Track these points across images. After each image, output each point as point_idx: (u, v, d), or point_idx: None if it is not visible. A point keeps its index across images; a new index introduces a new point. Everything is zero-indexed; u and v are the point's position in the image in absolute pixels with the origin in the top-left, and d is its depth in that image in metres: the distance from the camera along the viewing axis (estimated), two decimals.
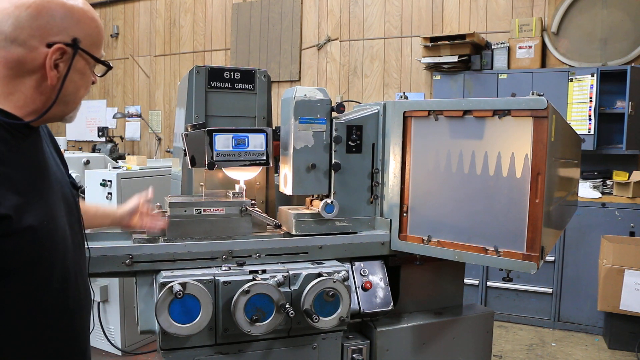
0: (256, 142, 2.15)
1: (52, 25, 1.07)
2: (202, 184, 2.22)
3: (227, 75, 2.26)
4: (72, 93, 1.15)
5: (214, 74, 2.23)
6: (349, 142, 2.18)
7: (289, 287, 1.91)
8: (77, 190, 1.32)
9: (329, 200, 2.12)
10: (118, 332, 3.90)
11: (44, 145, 1.19)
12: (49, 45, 1.06)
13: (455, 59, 5.02)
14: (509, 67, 5.05)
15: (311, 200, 2.25)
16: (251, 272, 1.89)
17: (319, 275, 1.92)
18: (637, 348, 4.04)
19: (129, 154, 6.55)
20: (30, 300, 1.08)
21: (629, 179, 4.46)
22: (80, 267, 1.25)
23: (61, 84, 1.10)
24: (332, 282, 1.91)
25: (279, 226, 2.11)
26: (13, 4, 1.05)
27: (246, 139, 2.13)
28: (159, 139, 7.49)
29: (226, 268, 1.90)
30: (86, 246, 1.36)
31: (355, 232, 2.20)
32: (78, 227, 1.29)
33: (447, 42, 5.05)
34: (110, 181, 3.86)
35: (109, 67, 1.21)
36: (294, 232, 2.11)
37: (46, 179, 1.14)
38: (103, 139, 7.15)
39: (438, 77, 5.30)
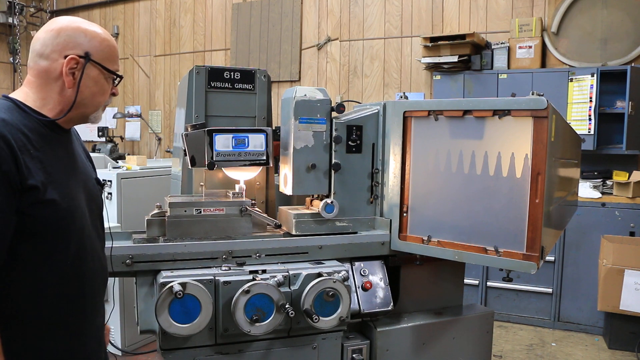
0: (256, 142, 2.15)
1: (68, 42, 1.38)
2: (202, 184, 2.22)
3: (227, 75, 2.26)
4: (89, 97, 1.43)
5: (214, 74, 2.24)
6: (349, 142, 2.18)
7: (289, 287, 1.91)
8: (101, 186, 1.61)
9: (329, 200, 2.12)
10: (118, 332, 3.90)
11: (74, 145, 1.50)
12: (66, 57, 1.37)
13: (455, 59, 5.01)
14: (509, 67, 5.05)
15: (311, 200, 2.25)
16: (251, 272, 1.89)
17: (319, 275, 1.92)
18: (637, 348, 4.04)
19: (129, 154, 6.54)
20: (50, 260, 1.33)
21: (629, 179, 4.46)
22: (95, 246, 1.49)
23: (77, 88, 1.39)
24: (332, 282, 1.91)
25: (279, 226, 2.11)
26: (44, 29, 1.40)
27: (246, 139, 2.13)
28: (159, 139, 7.49)
29: (226, 268, 1.91)
30: (108, 243, 1.66)
31: (355, 232, 2.20)
32: (98, 215, 1.55)
33: (447, 42, 5.05)
34: (110, 181, 3.86)
35: (119, 77, 1.49)
36: (294, 232, 2.11)
37: (72, 169, 1.44)
38: (103, 139, 7.15)
39: (438, 77, 5.30)
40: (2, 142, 1.23)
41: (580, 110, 4.67)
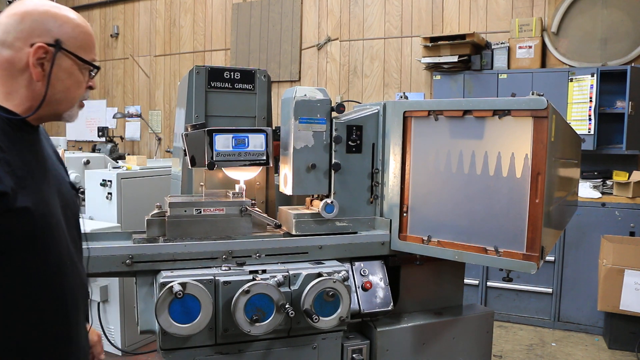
0: (256, 142, 2.15)
1: (35, 28, 1.19)
2: (202, 184, 2.22)
3: (227, 75, 2.26)
4: (62, 92, 1.25)
5: (214, 74, 2.24)
6: (349, 142, 2.18)
7: (289, 287, 1.91)
8: (76, 190, 1.40)
9: (329, 200, 2.12)
10: (118, 332, 3.90)
11: (43, 144, 1.31)
12: (32, 46, 1.18)
13: (455, 59, 5.01)
14: (509, 67, 5.05)
15: (311, 200, 2.25)
16: (251, 272, 1.89)
17: (319, 275, 1.92)
18: (637, 348, 4.04)
19: (129, 154, 6.54)
20: (25, 279, 1.15)
21: (629, 179, 4.46)
22: (74, 259, 1.30)
23: (47, 81, 1.21)
24: (332, 282, 1.91)
25: (279, 226, 2.11)
26: (6, 13, 1.21)
27: (246, 139, 2.13)
28: (159, 139, 7.49)
29: (226, 268, 1.91)
30: (85, 246, 1.43)
31: (355, 232, 2.20)
32: (74, 223, 1.36)
33: (447, 42, 5.05)
34: (110, 181, 3.86)
35: (96, 68, 1.30)
36: (294, 232, 2.11)
37: (43, 171, 1.25)
38: (103, 139, 7.15)
39: (438, 77, 5.30)
40: None
41: (580, 110, 4.67)
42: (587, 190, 4.50)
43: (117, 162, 4.87)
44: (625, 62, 4.75)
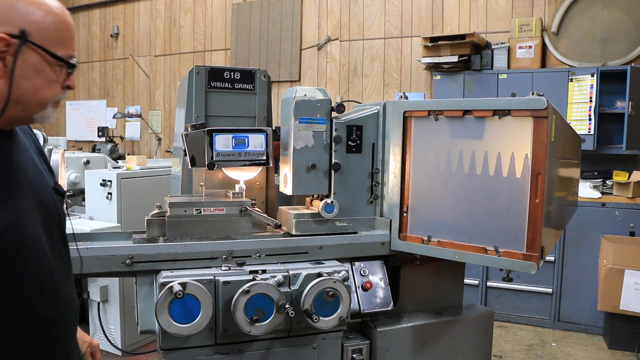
0: (256, 142, 2.15)
1: None
2: (202, 184, 2.22)
3: (227, 75, 2.26)
4: (30, 92, 1.05)
5: (214, 74, 2.23)
6: (349, 142, 2.18)
7: (289, 287, 1.91)
8: (61, 196, 1.23)
9: (329, 200, 2.12)
10: (118, 332, 3.90)
11: (14, 151, 1.12)
12: None
13: (455, 59, 5.02)
14: (509, 67, 5.05)
15: (311, 200, 2.25)
16: (251, 272, 1.89)
17: (319, 275, 1.92)
18: (637, 348, 4.04)
19: (129, 154, 6.54)
20: None
21: (629, 179, 4.46)
22: (60, 274, 1.17)
23: (10, 80, 1.01)
24: (332, 282, 1.91)
25: (279, 226, 2.10)
26: None
27: (246, 139, 2.13)
28: (159, 139, 7.49)
29: (226, 268, 1.91)
30: (74, 249, 1.31)
31: (355, 232, 2.20)
32: (59, 234, 1.21)
33: (447, 42, 5.05)
34: (110, 181, 3.86)
35: (69, 65, 1.11)
36: (294, 232, 2.11)
37: (15, 184, 1.08)
38: (103, 139, 7.15)
39: (438, 77, 5.30)
40: None
41: (580, 110, 4.67)
42: (587, 190, 4.50)
43: (117, 162, 4.87)
44: (625, 62, 4.75)
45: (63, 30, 1.08)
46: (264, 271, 1.90)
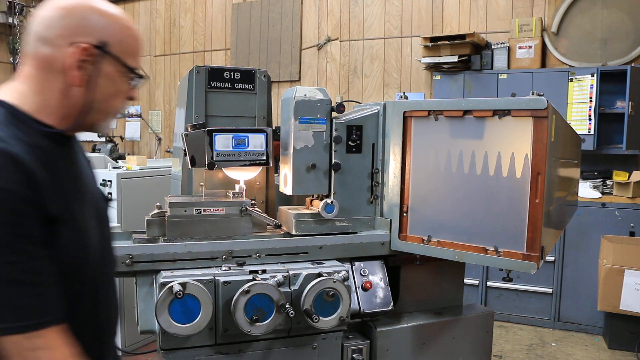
0: (256, 142, 2.15)
1: (80, 26, 1.06)
2: (202, 184, 2.22)
3: (227, 75, 2.26)
4: (101, 101, 1.11)
5: (214, 74, 2.23)
6: (349, 142, 2.18)
7: (289, 287, 1.91)
8: (107, 202, 1.30)
9: (329, 200, 2.12)
10: (118, 332, 3.89)
11: (79, 156, 1.19)
12: (73, 45, 1.05)
13: (455, 59, 5.02)
14: (509, 67, 5.05)
15: (311, 200, 2.25)
16: (251, 272, 1.89)
17: (319, 275, 1.92)
18: (637, 348, 4.04)
19: (129, 154, 6.54)
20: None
21: (629, 179, 4.46)
22: (111, 278, 1.24)
23: (88, 87, 1.07)
24: (332, 282, 1.91)
25: (279, 226, 2.10)
26: (50, 7, 1.07)
27: (246, 139, 2.13)
28: (159, 139, 7.48)
29: (226, 268, 1.90)
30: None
31: (355, 232, 2.20)
32: (109, 241, 1.27)
33: (447, 42, 5.05)
34: (110, 181, 3.86)
35: (142, 77, 1.18)
36: (294, 232, 2.11)
37: (81, 191, 1.13)
38: (103, 139, 7.14)
39: (438, 77, 5.30)
40: (21, 167, 0.95)
41: (580, 110, 4.67)
42: (587, 190, 4.50)
43: (117, 162, 4.87)
44: (625, 62, 4.75)
45: (135, 44, 1.15)
46: (264, 271, 1.90)
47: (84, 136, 7.40)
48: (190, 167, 2.10)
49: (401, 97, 2.30)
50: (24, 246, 0.94)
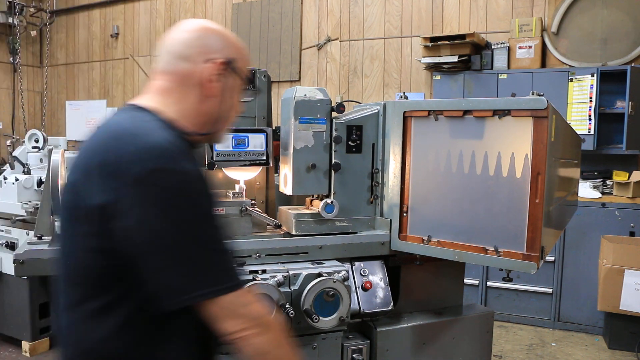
0: (256, 142, 2.15)
1: (212, 45, 1.23)
2: None
3: None
4: (227, 110, 1.28)
5: None
6: (349, 142, 2.18)
7: (289, 287, 1.91)
8: None
9: (329, 200, 2.12)
10: None
11: None
12: (209, 61, 1.22)
13: (455, 59, 5.01)
14: (509, 67, 5.05)
15: (311, 200, 2.25)
16: (251, 272, 1.89)
17: (319, 275, 1.92)
18: (637, 348, 4.04)
19: None
20: None
21: (629, 179, 4.46)
22: None
23: (220, 98, 1.24)
24: (332, 282, 1.91)
25: (279, 226, 2.10)
26: (182, 29, 1.25)
27: (246, 139, 2.13)
28: None
29: None
30: None
31: (355, 232, 2.20)
32: None
33: (447, 42, 5.05)
34: None
35: (249, 88, 1.40)
36: (294, 232, 2.11)
37: None
38: None
39: (438, 77, 5.30)
40: (201, 174, 1.11)
41: (580, 110, 4.67)
42: (587, 190, 4.50)
43: None
44: (625, 62, 4.74)
45: (247, 63, 1.33)
46: (264, 271, 1.90)
47: (84, 136, 7.41)
48: None
49: (401, 97, 2.30)
50: (218, 219, 1.14)
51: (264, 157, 2.16)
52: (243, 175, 2.20)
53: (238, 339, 1.12)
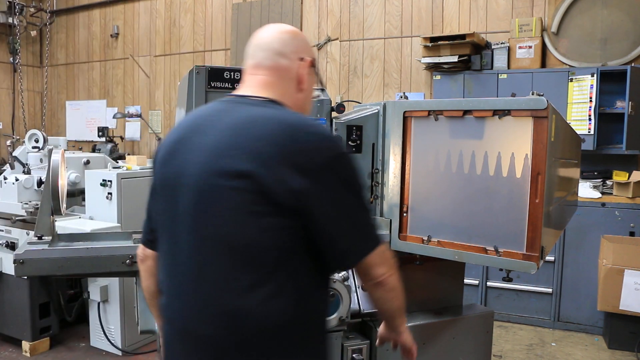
0: None
1: (303, 46, 1.44)
2: None
3: (227, 75, 2.26)
4: (309, 103, 1.51)
5: (214, 74, 2.23)
6: (349, 142, 2.18)
7: None
8: None
9: None
10: (118, 332, 3.90)
11: None
12: (301, 60, 1.42)
13: (455, 59, 5.01)
14: (509, 67, 5.05)
15: None
16: None
17: None
18: (637, 348, 4.04)
19: (129, 154, 6.55)
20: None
21: (629, 179, 4.46)
22: None
23: (309, 91, 1.46)
24: (332, 282, 1.90)
25: None
26: (277, 30, 1.43)
27: None
28: (159, 139, 7.48)
29: None
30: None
31: None
32: None
33: (447, 42, 5.05)
34: (110, 181, 3.87)
35: (320, 89, 1.61)
36: None
37: None
38: (103, 139, 7.15)
39: (438, 77, 5.30)
40: None
41: (580, 110, 4.67)
42: (587, 190, 4.50)
43: (117, 162, 4.88)
44: (625, 62, 4.74)
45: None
46: None
47: (84, 136, 7.34)
48: None
49: (401, 97, 2.30)
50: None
51: None
52: None
53: (385, 279, 1.38)
